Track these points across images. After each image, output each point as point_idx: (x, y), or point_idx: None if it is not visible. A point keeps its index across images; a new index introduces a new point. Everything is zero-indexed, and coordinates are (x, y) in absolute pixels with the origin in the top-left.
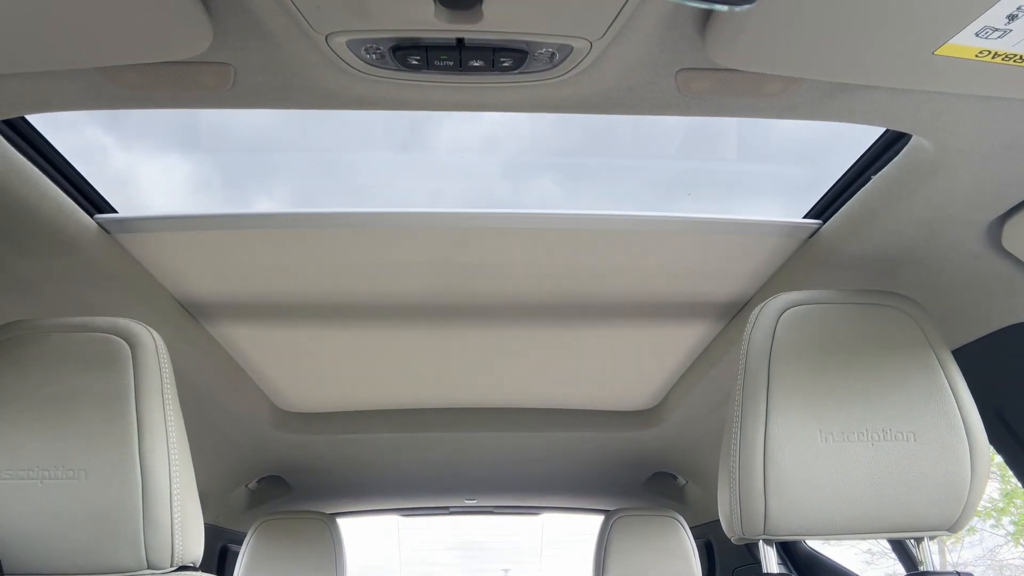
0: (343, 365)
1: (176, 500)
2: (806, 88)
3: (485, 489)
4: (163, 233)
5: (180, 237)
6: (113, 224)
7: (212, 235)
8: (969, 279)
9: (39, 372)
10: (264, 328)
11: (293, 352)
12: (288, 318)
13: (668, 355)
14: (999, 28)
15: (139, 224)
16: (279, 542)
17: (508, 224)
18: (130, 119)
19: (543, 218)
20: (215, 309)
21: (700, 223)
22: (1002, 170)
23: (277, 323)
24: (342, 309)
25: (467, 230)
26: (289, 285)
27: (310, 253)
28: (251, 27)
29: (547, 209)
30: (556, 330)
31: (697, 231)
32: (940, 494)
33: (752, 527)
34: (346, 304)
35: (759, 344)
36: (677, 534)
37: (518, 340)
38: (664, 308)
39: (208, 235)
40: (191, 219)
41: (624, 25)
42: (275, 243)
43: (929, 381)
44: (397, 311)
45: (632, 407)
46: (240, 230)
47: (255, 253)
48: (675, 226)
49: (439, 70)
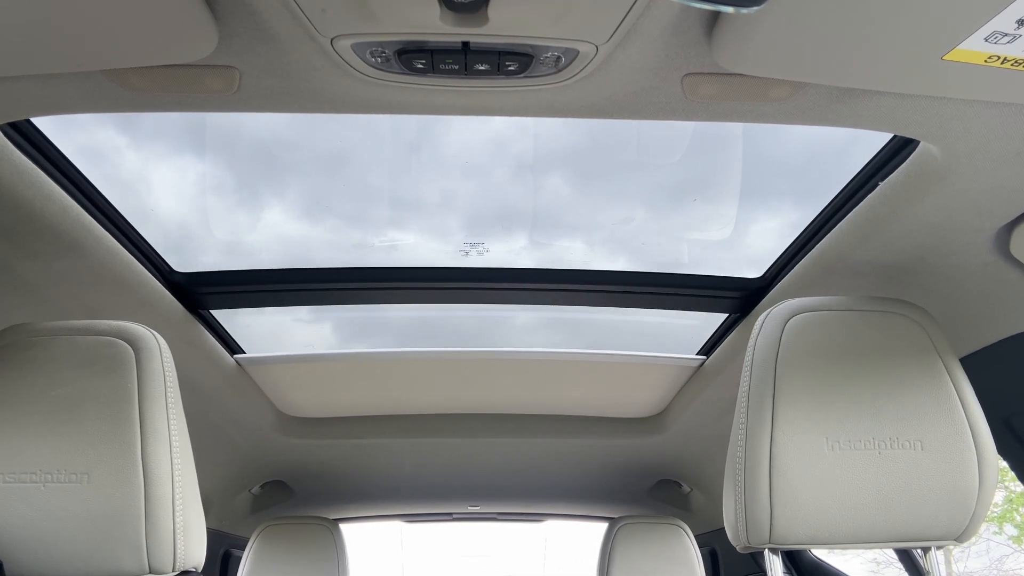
0: (347, 371)
1: (179, 504)
2: (813, 93)
3: (488, 495)
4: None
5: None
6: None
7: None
8: (977, 286)
9: (43, 375)
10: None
11: (298, 359)
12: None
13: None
14: (1009, 33)
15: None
16: (282, 547)
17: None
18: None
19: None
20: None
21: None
22: (1011, 176)
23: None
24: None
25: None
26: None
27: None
28: (256, 30)
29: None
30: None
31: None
32: (947, 503)
33: (757, 536)
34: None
35: (765, 351)
36: (681, 542)
37: (519, 361)
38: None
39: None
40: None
41: (630, 29)
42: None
43: (936, 389)
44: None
45: (637, 414)
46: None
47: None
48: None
49: (444, 74)
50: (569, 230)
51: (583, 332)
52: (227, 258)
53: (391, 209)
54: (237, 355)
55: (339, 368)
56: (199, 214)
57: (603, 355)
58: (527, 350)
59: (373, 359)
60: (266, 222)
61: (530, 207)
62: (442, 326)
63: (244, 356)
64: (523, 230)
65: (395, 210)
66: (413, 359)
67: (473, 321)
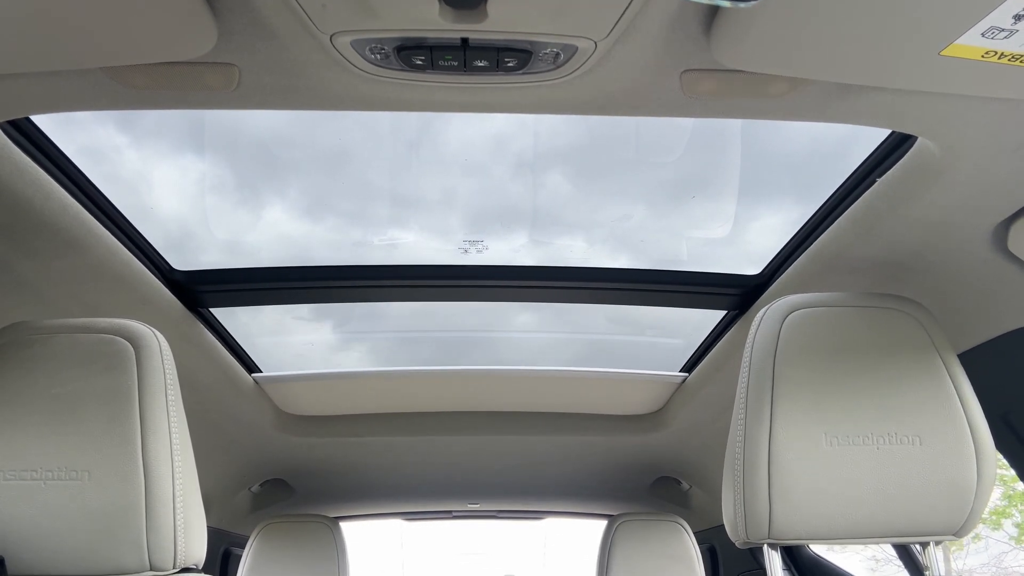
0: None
1: (179, 502)
2: (811, 89)
3: (488, 493)
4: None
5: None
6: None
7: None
8: (975, 282)
9: (43, 373)
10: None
11: (306, 378)
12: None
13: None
14: (1006, 28)
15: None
16: (282, 546)
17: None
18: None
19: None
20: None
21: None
22: (1009, 172)
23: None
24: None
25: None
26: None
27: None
28: (256, 27)
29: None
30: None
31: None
32: (946, 499)
33: (756, 532)
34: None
35: (764, 347)
36: (681, 539)
37: (520, 378)
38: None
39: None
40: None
41: (629, 25)
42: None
43: (935, 385)
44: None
45: (636, 411)
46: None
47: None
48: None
49: (443, 70)
50: (569, 228)
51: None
52: (227, 256)
53: (391, 207)
54: (254, 374)
55: (343, 380)
56: (199, 212)
57: (599, 372)
58: (526, 368)
59: (376, 377)
60: (266, 220)
61: (530, 205)
62: (442, 323)
63: (260, 375)
64: (523, 228)
65: (395, 208)
66: (413, 378)
67: (473, 318)
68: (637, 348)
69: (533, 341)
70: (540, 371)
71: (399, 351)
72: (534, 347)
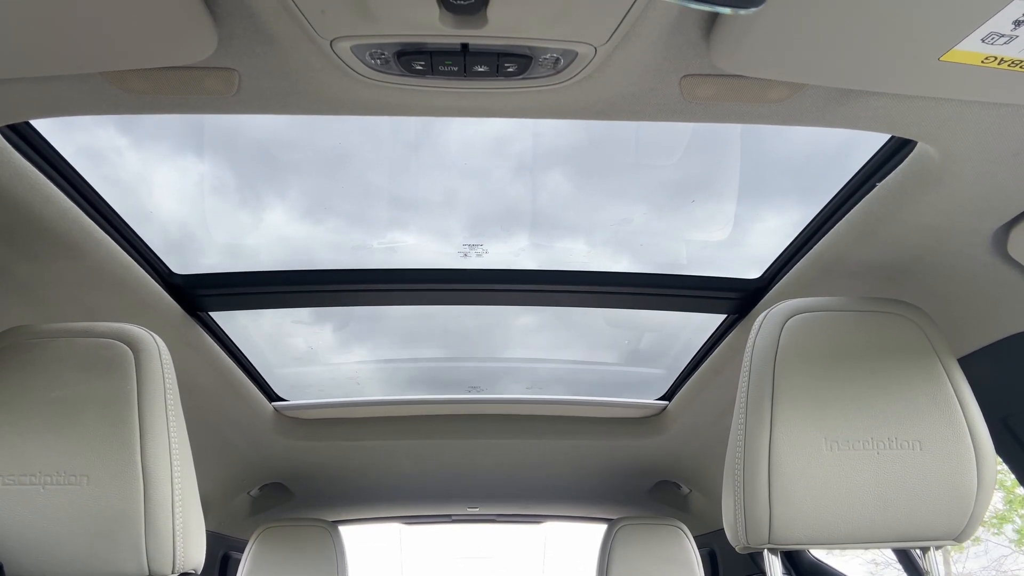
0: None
1: (178, 506)
2: (811, 94)
3: (487, 497)
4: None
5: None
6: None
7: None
8: (975, 287)
9: (42, 377)
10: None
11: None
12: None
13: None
14: (1005, 34)
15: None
16: (281, 550)
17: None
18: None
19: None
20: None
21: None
22: (1008, 177)
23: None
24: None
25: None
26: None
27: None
28: (256, 32)
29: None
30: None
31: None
32: (946, 503)
33: (756, 536)
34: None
35: (763, 351)
36: (681, 543)
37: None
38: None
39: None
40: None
41: (629, 31)
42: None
43: (935, 389)
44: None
45: (635, 415)
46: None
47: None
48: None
49: (443, 75)
50: (569, 231)
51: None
52: (227, 260)
53: (391, 210)
54: (275, 401)
55: (345, 408)
56: (198, 216)
57: (593, 401)
58: (528, 397)
59: (378, 409)
60: (266, 224)
61: (530, 208)
62: (442, 323)
63: (282, 403)
64: (523, 231)
65: (395, 211)
66: (413, 412)
67: (473, 319)
68: (637, 349)
69: (533, 341)
70: (537, 400)
71: (399, 351)
72: (534, 347)
